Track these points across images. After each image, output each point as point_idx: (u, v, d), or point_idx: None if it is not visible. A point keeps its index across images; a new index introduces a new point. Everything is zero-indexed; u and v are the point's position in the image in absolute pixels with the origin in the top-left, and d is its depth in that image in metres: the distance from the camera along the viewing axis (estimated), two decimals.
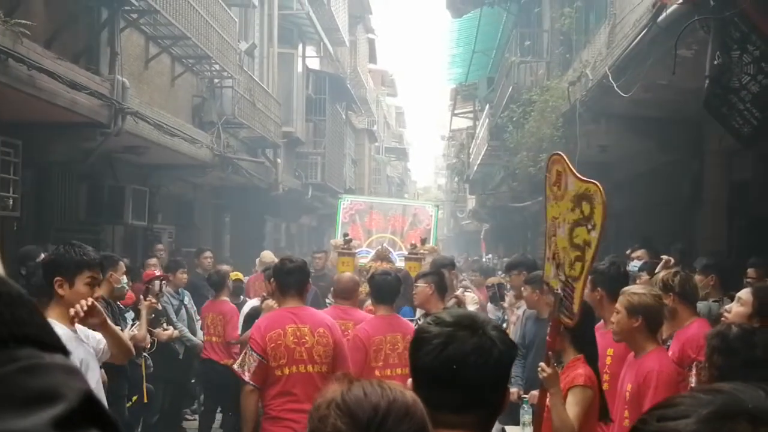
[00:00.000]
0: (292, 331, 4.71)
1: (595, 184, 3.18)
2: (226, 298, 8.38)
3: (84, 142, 8.91)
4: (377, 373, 5.38)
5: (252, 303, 8.16)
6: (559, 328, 3.62)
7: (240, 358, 4.92)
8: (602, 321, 4.63)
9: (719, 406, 0.88)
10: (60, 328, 3.28)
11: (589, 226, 3.18)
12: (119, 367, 5.27)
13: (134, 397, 6.78)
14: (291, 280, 4.88)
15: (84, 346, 3.62)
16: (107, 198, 10.33)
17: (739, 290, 4.66)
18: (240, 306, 8.59)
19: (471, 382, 1.72)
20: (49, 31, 8.09)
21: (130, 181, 10.85)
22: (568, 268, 3.36)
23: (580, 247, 3.26)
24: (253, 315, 6.59)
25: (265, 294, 8.01)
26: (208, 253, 10.62)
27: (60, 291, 3.49)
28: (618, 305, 4.05)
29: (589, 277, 3.79)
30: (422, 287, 6.00)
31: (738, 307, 4.26)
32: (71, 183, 9.96)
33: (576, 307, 3.37)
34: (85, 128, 8.53)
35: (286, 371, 4.69)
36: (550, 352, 3.67)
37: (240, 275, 9.39)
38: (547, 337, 3.73)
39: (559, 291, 3.48)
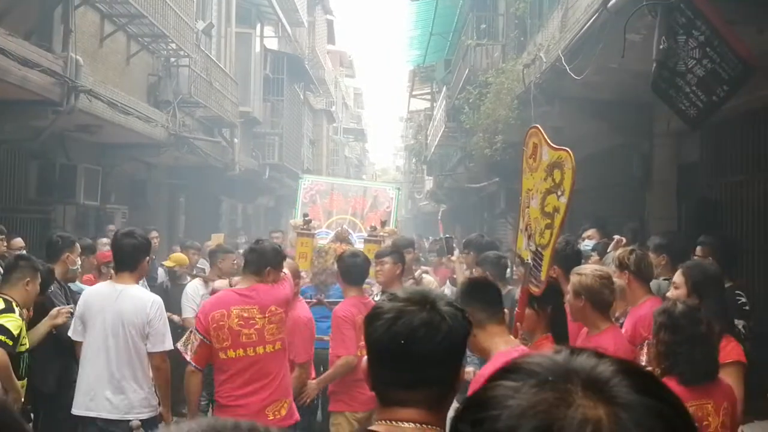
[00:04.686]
0: (236, 312, 4.67)
1: (566, 150, 3.23)
2: None
3: (35, 120, 8.78)
4: (359, 353, 5.33)
5: (194, 283, 8.03)
6: (528, 297, 3.68)
7: (184, 337, 4.91)
8: None
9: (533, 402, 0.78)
10: None
11: (559, 192, 3.24)
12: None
13: None
14: (250, 258, 4.90)
15: None
16: (58, 177, 10.15)
17: None
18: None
19: (419, 357, 1.70)
20: None
21: (83, 160, 10.69)
22: (538, 236, 3.44)
23: (550, 214, 3.33)
24: None
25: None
26: (153, 233, 9.72)
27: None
28: (569, 285, 4.06)
29: None
30: (390, 266, 5.91)
31: (674, 290, 4.19)
32: (21, 161, 9.80)
33: (544, 275, 3.42)
34: (36, 106, 8.40)
35: (231, 354, 4.65)
36: (518, 323, 3.70)
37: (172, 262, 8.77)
38: (516, 309, 3.80)
39: (530, 261, 3.56)
